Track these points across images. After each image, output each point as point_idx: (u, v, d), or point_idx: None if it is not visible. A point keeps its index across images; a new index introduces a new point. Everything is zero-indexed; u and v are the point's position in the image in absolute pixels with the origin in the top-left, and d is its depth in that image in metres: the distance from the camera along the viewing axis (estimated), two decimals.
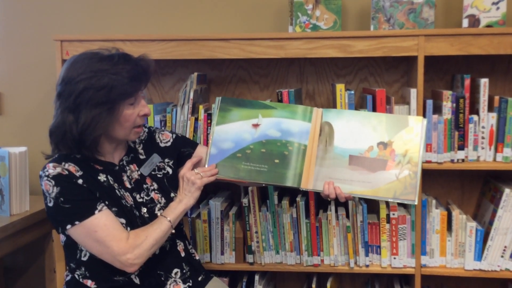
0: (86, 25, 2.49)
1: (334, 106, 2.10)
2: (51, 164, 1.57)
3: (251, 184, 1.91)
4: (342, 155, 1.68)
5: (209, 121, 2.11)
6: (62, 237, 1.65)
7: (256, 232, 2.16)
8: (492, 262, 2.10)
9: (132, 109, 1.60)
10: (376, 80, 2.36)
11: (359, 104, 2.33)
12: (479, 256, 2.10)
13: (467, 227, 2.10)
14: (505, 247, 2.08)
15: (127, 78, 1.54)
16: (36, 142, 2.52)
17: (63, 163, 1.57)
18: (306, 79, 2.39)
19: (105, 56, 1.57)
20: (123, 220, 1.59)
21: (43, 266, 2.41)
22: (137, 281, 1.63)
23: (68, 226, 1.54)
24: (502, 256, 2.09)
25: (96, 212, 1.54)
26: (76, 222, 1.53)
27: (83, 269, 1.63)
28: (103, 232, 1.53)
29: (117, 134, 1.62)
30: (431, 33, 2.01)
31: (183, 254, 1.74)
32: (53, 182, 1.53)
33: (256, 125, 1.73)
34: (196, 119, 2.12)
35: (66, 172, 1.55)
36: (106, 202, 1.58)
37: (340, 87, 2.06)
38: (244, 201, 2.14)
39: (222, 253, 2.19)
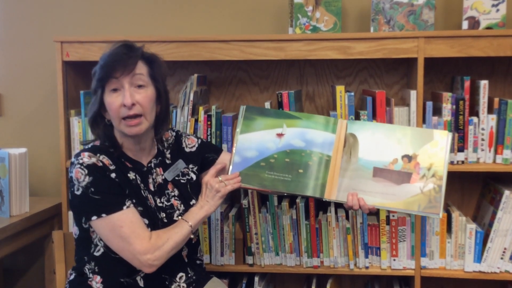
0: (87, 26, 2.49)
1: (334, 108, 2.11)
2: (86, 153, 1.57)
3: (274, 193, 1.90)
4: (366, 166, 1.66)
5: (209, 122, 2.12)
6: (76, 230, 1.65)
7: (256, 234, 2.16)
8: (492, 264, 2.09)
9: (114, 97, 1.57)
10: (376, 81, 2.36)
11: (359, 106, 2.33)
12: (478, 258, 2.10)
13: (467, 229, 2.10)
14: (505, 249, 2.08)
15: (102, 63, 1.57)
16: (36, 143, 2.53)
17: (98, 155, 1.58)
18: (306, 81, 2.39)
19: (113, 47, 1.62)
20: (146, 221, 1.60)
21: (42, 267, 2.41)
22: (141, 283, 1.63)
23: (94, 218, 1.54)
24: (501, 258, 2.09)
25: (124, 207, 1.54)
26: (103, 215, 1.53)
27: (93, 263, 1.63)
28: (129, 229, 1.53)
29: (114, 124, 1.62)
30: (431, 35, 2.01)
31: (186, 260, 1.73)
32: (86, 171, 1.54)
33: (280, 135, 1.71)
34: (196, 121, 2.12)
35: (101, 164, 1.56)
36: (134, 201, 1.58)
37: (340, 89, 2.06)
38: (244, 202, 2.14)
39: (222, 255, 2.19)
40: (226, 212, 2.24)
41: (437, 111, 2.09)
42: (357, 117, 2.11)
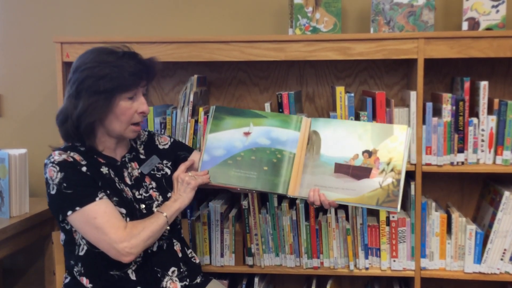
0: (87, 27, 2.49)
1: (334, 109, 2.11)
2: (57, 152, 1.62)
3: (242, 191, 1.94)
4: (328, 163, 1.71)
5: None
6: (62, 236, 1.67)
7: (256, 235, 2.16)
8: (492, 265, 2.09)
9: (130, 104, 1.64)
10: (376, 82, 2.36)
11: (359, 107, 2.33)
12: (478, 259, 2.10)
13: (467, 229, 2.10)
14: (505, 250, 2.08)
15: (128, 72, 1.59)
16: (36, 144, 2.52)
17: (68, 152, 1.62)
18: (306, 82, 2.39)
19: (113, 50, 1.63)
20: (124, 210, 1.62)
21: (42, 268, 2.41)
22: (133, 276, 1.64)
23: (69, 212, 1.56)
24: (501, 259, 2.09)
25: (97, 199, 1.56)
26: (77, 208, 1.55)
27: (79, 265, 1.64)
28: (102, 219, 1.55)
29: (113, 127, 1.65)
30: (431, 36, 2.01)
31: (180, 255, 1.76)
32: (58, 167, 1.57)
33: (247, 133, 1.77)
34: (196, 121, 2.12)
35: (71, 159, 1.59)
36: (108, 192, 1.61)
37: (340, 90, 2.06)
38: (244, 203, 2.14)
39: (222, 256, 2.19)
40: (226, 213, 2.23)
41: (437, 112, 2.09)
42: (357, 118, 2.11)
